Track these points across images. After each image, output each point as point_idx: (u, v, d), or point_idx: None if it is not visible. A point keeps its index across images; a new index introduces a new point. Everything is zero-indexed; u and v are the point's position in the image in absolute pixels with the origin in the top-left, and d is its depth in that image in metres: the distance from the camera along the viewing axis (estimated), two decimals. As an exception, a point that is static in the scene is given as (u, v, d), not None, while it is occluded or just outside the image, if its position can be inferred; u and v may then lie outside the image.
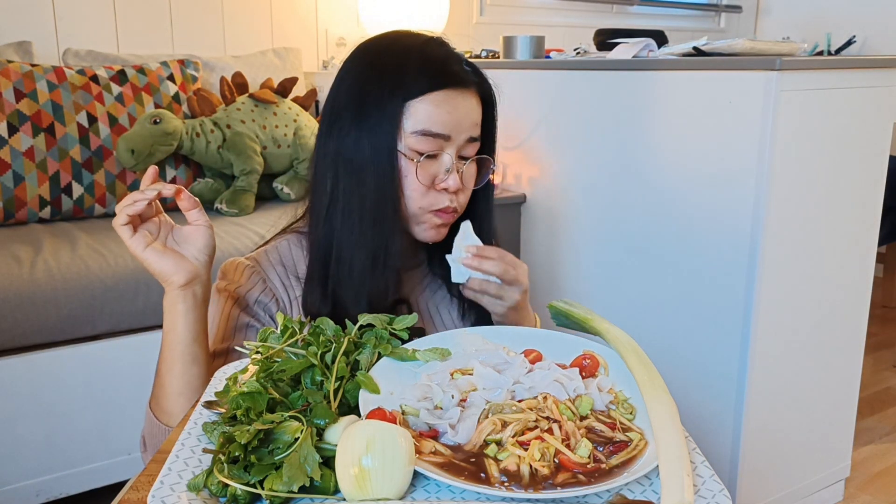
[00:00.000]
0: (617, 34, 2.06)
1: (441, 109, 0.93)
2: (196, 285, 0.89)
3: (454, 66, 0.96)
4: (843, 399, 1.84)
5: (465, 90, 0.96)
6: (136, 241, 0.85)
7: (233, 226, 1.94)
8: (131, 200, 0.84)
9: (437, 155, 0.95)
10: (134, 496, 0.64)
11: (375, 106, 0.94)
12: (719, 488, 0.61)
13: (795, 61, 1.48)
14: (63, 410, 1.62)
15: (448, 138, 0.94)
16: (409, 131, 0.93)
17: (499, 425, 0.66)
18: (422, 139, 0.93)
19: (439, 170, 0.96)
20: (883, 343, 2.92)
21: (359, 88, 0.96)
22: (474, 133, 0.97)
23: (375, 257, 0.94)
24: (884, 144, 1.71)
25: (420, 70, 0.94)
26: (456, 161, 0.96)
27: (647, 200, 1.74)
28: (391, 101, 0.93)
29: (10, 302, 1.53)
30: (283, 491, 0.59)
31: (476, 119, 0.97)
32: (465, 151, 0.97)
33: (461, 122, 0.95)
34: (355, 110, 0.95)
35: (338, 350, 0.73)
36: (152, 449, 0.93)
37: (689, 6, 3.89)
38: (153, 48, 2.37)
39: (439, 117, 0.93)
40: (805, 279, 1.64)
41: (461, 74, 0.96)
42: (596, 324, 0.85)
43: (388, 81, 0.94)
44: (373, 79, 0.95)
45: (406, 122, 0.94)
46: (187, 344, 0.89)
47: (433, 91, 0.93)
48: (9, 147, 1.85)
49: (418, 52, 0.96)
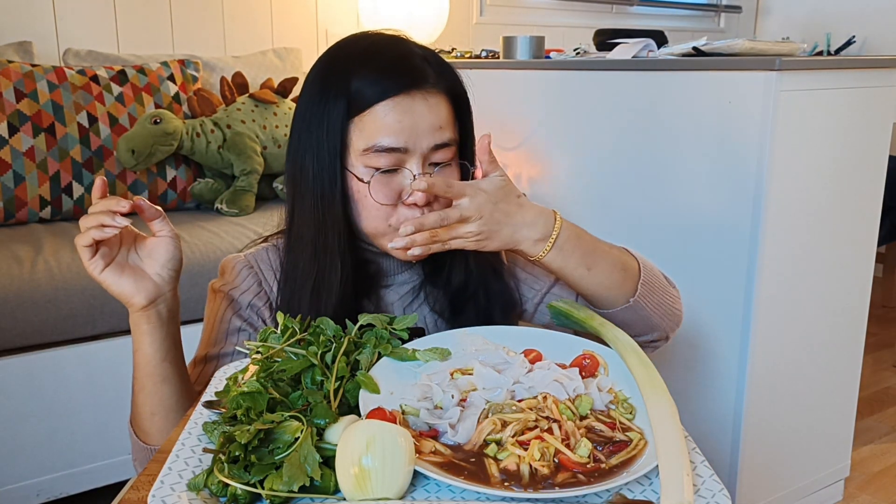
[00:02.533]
0: (617, 34, 2.06)
1: (390, 120, 0.85)
2: (160, 304, 0.84)
3: (403, 68, 0.87)
4: (843, 399, 1.84)
5: (422, 92, 0.86)
6: (95, 263, 0.80)
7: (233, 226, 1.94)
8: (97, 223, 0.77)
9: (397, 169, 0.87)
10: (134, 496, 0.64)
11: (318, 126, 0.88)
12: (719, 488, 0.61)
13: (795, 61, 1.48)
14: (63, 410, 1.62)
15: (405, 150, 0.86)
16: (360, 150, 0.86)
17: (499, 425, 0.66)
18: (375, 156, 0.86)
19: (403, 184, 0.87)
20: (883, 343, 2.92)
21: (305, 105, 0.90)
22: (440, 138, 0.87)
23: (315, 288, 0.88)
24: (884, 144, 1.71)
25: (363, 82, 0.86)
26: (423, 171, 0.87)
27: (647, 201, 1.74)
28: (334, 119, 0.87)
29: (10, 302, 1.53)
30: (283, 491, 0.59)
31: (439, 122, 0.87)
32: (434, 158, 0.88)
33: (418, 129, 0.86)
34: (302, 130, 0.90)
35: (338, 350, 0.73)
36: (140, 466, 0.90)
37: (689, 6, 3.89)
38: (153, 48, 2.37)
39: (389, 130, 0.85)
40: (805, 279, 1.64)
41: (413, 75, 0.86)
42: (596, 324, 0.85)
43: (330, 98, 0.87)
44: (315, 96, 0.89)
45: (356, 141, 0.87)
46: (156, 364, 0.85)
47: (379, 102, 0.85)
48: (9, 147, 1.85)
49: (360, 61, 0.88)
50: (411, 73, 0.87)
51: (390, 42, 0.91)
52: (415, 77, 0.86)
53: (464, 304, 0.96)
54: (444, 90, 0.89)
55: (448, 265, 0.96)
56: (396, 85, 0.85)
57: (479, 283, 0.96)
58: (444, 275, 0.96)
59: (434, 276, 0.97)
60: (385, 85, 0.85)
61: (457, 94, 0.91)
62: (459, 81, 0.92)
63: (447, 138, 0.88)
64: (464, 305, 0.96)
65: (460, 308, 0.96)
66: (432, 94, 0.87)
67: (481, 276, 0.96)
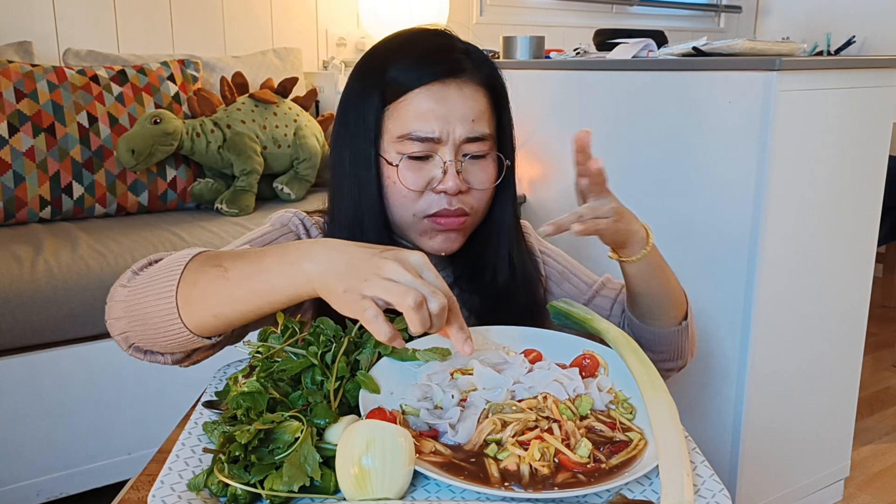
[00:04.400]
0: (617, 34, 2.06)
1: (423, 108, 0.86)
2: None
3: (439, 57, 0.87)
4: (843, 399, 1.84)
5: (457, 81, 0.87)
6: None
7: (233, 226, 1.94)
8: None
9: (427, 157, 0.87)
10: (134, 496, 0.64)
11: (355, 113, 0.90)
12: (719, 488, 0.61)
13: (795, 61, 1.48)
14: (63, 410, 1.62)
15: (437, 140, 0.86)
16: (394, 136, 0.87)
17: (499, 425, 0.66)
18: (408, 143, 0.86)
19: (434, 172, 0.88)
20: (883, 343, 2.92)
21: (345, 96, 0.93)
22: (474, 131, 0.87)
23: None
24: (884, 144, 1.71)
25: (398, 70, 0.87)
26: (455, 160, 0.87)
27: (647, 200, 1.74)
28: (369, 107, 0.88)
29: (10, 302, 1.53)
30: (283, 491, 0.59)
31: (473, 114, 0.87)
32: (468, 150, 0.88)
33: (451, 119, 0.86)
34: (341, 119, 0.92)
35: (338, 350, 0.73)
36: (117, 323, 0.75)
37: (689, 6, 3.89)
38: (153, 48, 2.37)
39: (422, 118, 0.86)
40: (805, 279, 1.64)
41: (449, 64, 0.87)
42: (596, 324, 0.85)
43: (368, 86, 0.89)
44: (356, 85, 0.91)
45: (391, 128, 0.88)
46: (262, 304, 0.69)
47: (413, 90, 0.86)
48: (9, 147, 1.85)
49: (398, 50, 0.89)
50: (447, 61, 0.87)
51: (430, 33, 0.92)
52: (451, 66, 0.87)
53: (501, 304, 0.96)
54: (480, 82, 0.89)
55: (492, 265, 0.96)
56: (431, 72, 0.86)
57: (522, 283, 0.97)
58: (487, 273, 0.96)
59: (472, 274, 0.97)
60: (420, 72, 0.86)
61: (494, 87, 0.91)
62: (498, 75, 0.92)
63: (481, 132, 0.88)
64: (501, 304, 0.96)
65: (496, 307, 0.95)
66: (468, 85, 0.87)
67: (525, 278, 0.97)
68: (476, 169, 0.90)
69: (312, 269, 0.65)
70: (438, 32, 0.92)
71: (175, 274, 0.70)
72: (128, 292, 0.74)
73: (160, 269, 0.72)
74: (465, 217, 0.90)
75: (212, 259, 0.71)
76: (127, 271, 0.77)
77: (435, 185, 0.88)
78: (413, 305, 0.61)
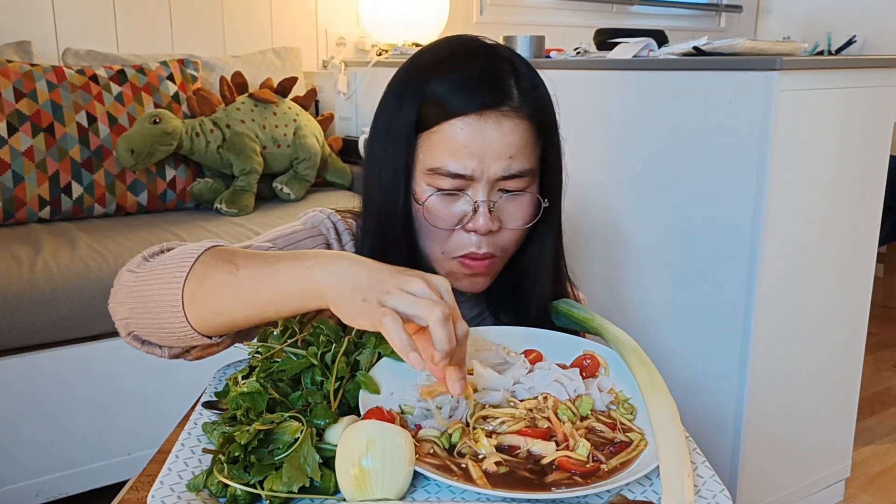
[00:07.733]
0: (617, 34, 2.05)
1: (457, 143, 0.79)
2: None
3: (485, 86, 0.80)
4: (844, 399, 1.84)
5: (496, 113, 0.79)
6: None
7: (233, 226, 1.94)
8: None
9: (457, 193, 0.81)
10: (134, 496, 0.64)
11: (387, 135, 0.83)
12: (720, 489, 0.61)
13: (795, 61, 1.48)
14: (63, 411, 1.62)
15: (470, 178, 0.80)
16: (425, 168, 0.81)
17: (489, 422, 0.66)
18: (439, 178, 0.80)
19: (465, 208, 0.81)
20: (883, 343, 2.92)
21: (379, 111, 0.85)
22: (510, 169, 0.80)
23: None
24: (884, 144, 1.71)
25: (441, 85, 0.80)
26: (489, 198, 0.80)
27: (647, 200, 1.74)
28: (404, 132, 0.81)
29: (10, 302, 1.53)
30: (283, 491, 0.59)
31: (510, 150, 0.80)
32: (505, 185, 0.81)
33: (486, 155, 0.79)
34: (373, 136, 0.85)
35: (338, 350, 0.73)
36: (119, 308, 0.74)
37: (690, 6, 3.89)
38: (153, 48, 2.36)
39: (455, 154, 0.79)
40: (805, 279, 1.64)
41: (495, 96, 0.79)
42: (596, 324, 0.85)
43: (404, 104, 0.82)
44: (391, 100, 0.84)
45: (423, 158, 0.81)
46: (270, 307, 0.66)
47: (448, 120, 0.79)
48: (8, 147, 1.85)
49: (438, 68, 0.81)
50: (492, 91, 0.80)
51: (481, 52, 0.84)
52: (495, 97, 0.80)
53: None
54: (525, 114, 0.81)
55: (524, 305, 0.91)
56: (472, 102, 0.79)
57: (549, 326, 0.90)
58: (511, 315, 0.91)
59: (497, 311, 0.92)
60: (460, 98, 0.79)
61: (542, 118, 0.84)
62: (546, 103, 0.85)
63: (519, 168, 0.81)
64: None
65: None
66: (509, 118, 0.80)
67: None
68: (512, 207, 0.83)
69: (326, 278, 0.62)
70: (489, 51, 0.84)
71: (185, 266, 0.68)
72: (135, 278, 0.72)
73: (171, 259, 0.70)
74: (492, 259, 0.85)
75: (225, 255, 0.69)
76: (137, 256, 0.74)
77: (465, 223, 0.82)
78: (441, 318, 0.59)
